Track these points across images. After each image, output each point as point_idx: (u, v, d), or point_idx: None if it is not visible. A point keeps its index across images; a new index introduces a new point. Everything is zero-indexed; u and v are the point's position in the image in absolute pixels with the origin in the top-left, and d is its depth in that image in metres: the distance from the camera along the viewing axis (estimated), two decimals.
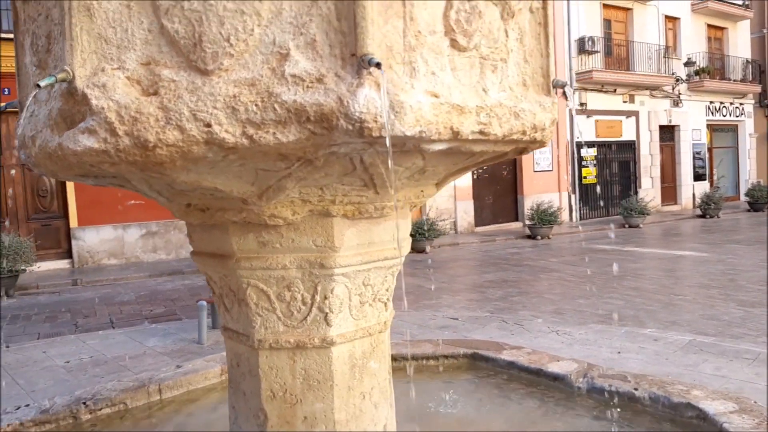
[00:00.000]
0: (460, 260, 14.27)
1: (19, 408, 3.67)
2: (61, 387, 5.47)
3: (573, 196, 20.94)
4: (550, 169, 20.36)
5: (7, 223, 13.61)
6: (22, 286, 11.92)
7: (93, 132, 1.53)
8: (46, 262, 13.67)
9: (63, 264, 14.07)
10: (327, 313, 2.15)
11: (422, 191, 2.27)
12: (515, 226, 19.60)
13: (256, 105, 1.50)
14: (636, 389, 3.47)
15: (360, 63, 1.46)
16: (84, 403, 3.69)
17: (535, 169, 20.00)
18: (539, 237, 16.89)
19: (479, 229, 18.92)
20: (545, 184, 20.15)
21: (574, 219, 20.85)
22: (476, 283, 11.60)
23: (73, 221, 14.02)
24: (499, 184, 19.71)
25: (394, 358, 4.37)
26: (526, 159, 19.70)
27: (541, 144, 2.05)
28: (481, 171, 19.22)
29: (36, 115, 1.78)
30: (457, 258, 14.62)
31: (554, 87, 1.98)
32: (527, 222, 17.56)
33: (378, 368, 2.34)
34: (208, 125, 1.51)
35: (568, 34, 20.21)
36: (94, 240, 14.08)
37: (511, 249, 15.69)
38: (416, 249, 15.09)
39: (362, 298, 2.24)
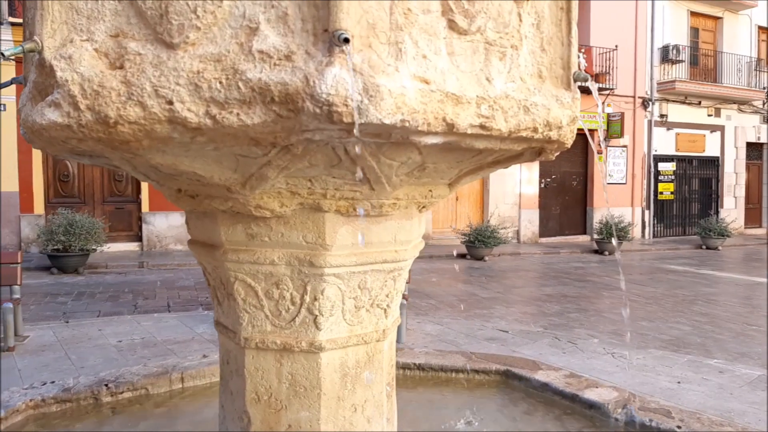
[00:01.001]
0: (520, 271, 13.82)
1: (45, 384, 3.73)
2: (109, 365, 5.59)
3: (647, 212, 19.90)
4: (624, 181, 19.42)
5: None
6: (91, 264, 12.46)
7: (58, 105, 1.45)
8: (117, 244, 14.27)
9: (132, 246, 14.65)
10: (317, 316, 2.00)
11: (430, 191, 2.08)
12: (582, 239, 18.82)
13: (220, 82, 1.38)
14: (679, 427, 3.12)
15: (331, 39, 1.30)
16: (106, 385, 3.71)
17: (608, 181, 19.14)
18: (607, 252, 16.12)
19: (543, 240, 18.30)
20: (617, 197, 19.24)
21: (646, 236, 19.80)
22: (533, 295, 11.17)
23: (145, 206, 14.58)
24: (567, 195, 19.00)
25: (420, 368, 4.19)
26: (597, 170, 18.88)
27: (560, 145, 1.82)
28: (549, 180, 18.60)
29: (26, 89, 1.73)
30: (516, 268, 14.16)
31: (575, 80, 1.74)
32: (595, 236, 16.81)
33: (374, 380, 2.16)
34: (170, 102, 1.39)
35: (651, 41, 19.22)
36: (163, 225, 14.60)
37: (576, 263, 15.05)
38: (474, 256, 14.74)
39: (357, 302, 2.07)
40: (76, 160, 1.91)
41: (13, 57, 1.45)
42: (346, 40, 1.26)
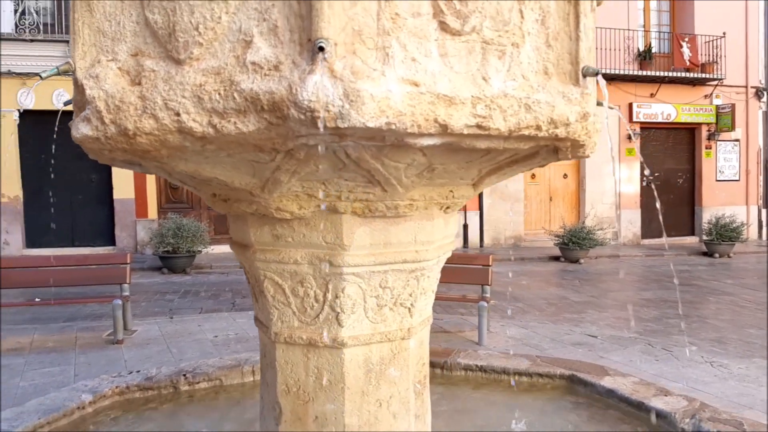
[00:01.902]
0: (617, 274, 13.17)
1: (131, 373, 4.10)
2: (205, 358, 6.01)
3: (764, 211, 18.25)
4: (737, 178, 17.95)
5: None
6: (197, 265, 13.31)
7: (88, 120, 1.63)
8: (221, 246, 15.14)
9: None
10: (338, 313, 2.08)
11: (451, 191, 2.09)
12: (690, 240, 17.61)
13: (219, 94, 1.49)
14: None
15: (313, 48, 1.37)
16: (184, 375, 4.01)
17: (718, 178, 17.77)
18: (717, 255, 14.99)
19: (646, 241, 17.30)
20: (729, 196, 17.81)
21: (763, 237, 18.17)
22: (630, 300, 10.63)
23: None
24: (672, 193, 17.84)
25: (483, 370, 4.16)
26: (707, 166, 17.60)
27: (575, 143, 1.78)
28: (651, 177, 17.58)
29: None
30: (614, 271, 13.51)
31: (584, 75, 1.69)
32: (704, 237, 15.67)
33: (399, 376, 2.20)
34: (178, 114, 1.52)
35: (764, 26, 17.63)
36: None
37: (681, 266, 14.12)
38: (569, 258, 14.24)
39: (380, 300, 2.13)
40: (125, 168, 2.11)
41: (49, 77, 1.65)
42: (321, 49, 1.33)
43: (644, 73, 16.58)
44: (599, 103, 2.40)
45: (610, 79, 16.43)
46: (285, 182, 1.80)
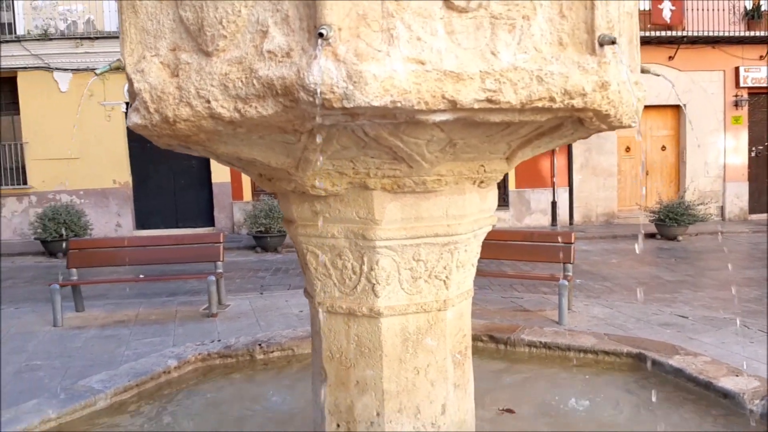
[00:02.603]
0: (719, 252, 12.37)
1: (212, 341, 4.45)
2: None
3: None
4: None
5: None
6: (288, 244, 13.87)
7: (137, 110, 1.83)
8: None
9: None
10: (374, 284, 2.19)
11: (482, 166, 2.13)
12: None
13: (241, 81, 1.63)
14: None
15: (318, 35, 1.47)
16: (260, 345, 4.30)
17: None
18: None
19: (755, 216, 16.07)
20: None
21: None
22: (729, 279, 10.00)
23: None
24: None
25: (547, 346, 4.14)
26: None
27: (597, 113, 1.76)
28: (761, 148, 16.23)
29: None
30: (715, 249, 12.70)
31: (601, 44, 1.67)
32: None
33: (436, 346, 2.29)
34: (208, 101, 1.68)
35: None
36: None
37: None
38: (665, 235, 13.52)
39: (414, 273, 2.21)
40: (182, 152, 2.30)
41: (103, 74, 1.85)
42: (321, 35, 1.42)
43: (752, 33, 15.25)
44: (644, 70, 2.34)
45: (714, 41, 15.28)
46: (314, 161, 1.92)
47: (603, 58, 1.68)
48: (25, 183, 14.63)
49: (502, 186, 15.77)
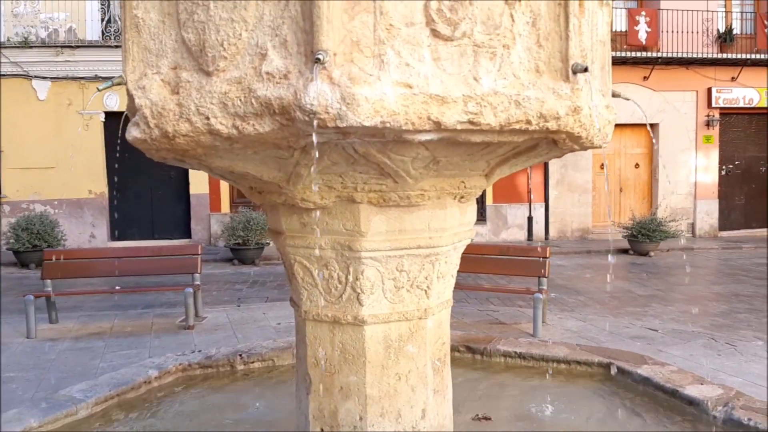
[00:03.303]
0: (689, 267, 12.72)
1: (193, 352, 4.49)
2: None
3: None
4: None
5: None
6: (266, 256, 13.87)
7: (137, 125, 1.93)
8: None
9: None
10: (359, 293, 2.30)
11: (463, 182, 2.26)
12: None
13: (240, 100, 1.74)
14: None
15: (315, 59, 1.59)
16: (240, 355, 4.36)
17: None
18: None
19: (725, 233, 16.54)
20: None
21: None
22: (698, 294, 10.30)
23: None
24: (754, 182, 16.95)
25: (521, 356, 4.27)
26: None
27: (571, 136, 1.90)
28: (731, 166, 16.75)
29: None
30: (684, 265, 13.05)
31: (574, 72, 1.82)
32: None
33: (417, 353, 2.40)
34: (207, 118, 1.78)
35: None
36: None
37: (759, 259, 13.45)
38: (638, 251, 13.86)
39: (397, 283, 2.33)
40: (176, 165, 2.40)
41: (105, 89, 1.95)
42: (317, 60, 1.54)
43: (725, 55, 15.80)
44: (615, 95, 2.50)
45: (687, 63, 15.79)
46: (305, 176, 2.04)
47: (576, 85, 1.83)
48: None
49: (480, 201, 16.02)
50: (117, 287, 8.50)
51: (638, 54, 15.27)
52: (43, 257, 7.56)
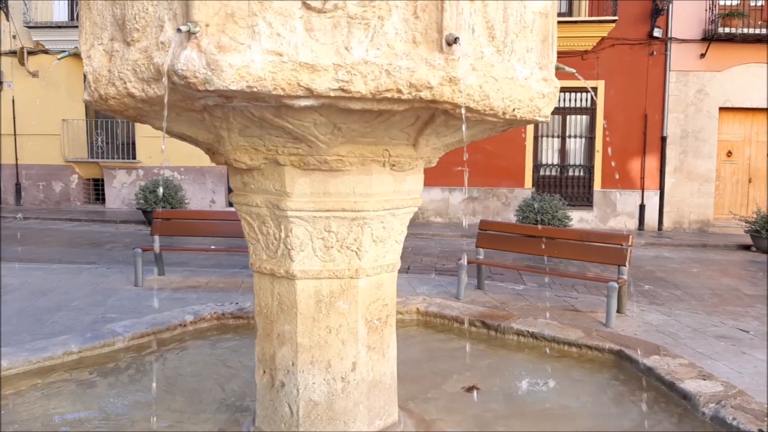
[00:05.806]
0: None
1: (231, 303, 4.94)
2: None
3: None
4: None
5: None
6: None
7: (87, 88, 2.25)
8: None
9: None
10: (290, 250, 2.48)
11: (386, 150, 2.35)
12: None
13: (144, 66, 1.98)
14: (762, 430, 2.67)
15: (186, 30, 1.79)
16: None
17: None
18: None
19: None
20: None
21: None
22: None
23: None
24: None
25: (534, 336, 4.22)
26: None
27: (456, 106, 1.93)
28: None
29: None
30: None
31: (448, 43, 1.84)
32: None
33: (348, 310, 2.54)
34: (125, 82, 2.05)
35: None
36: (425, 199, 15.97)
37: None
38: (761, 248, 12.54)
39: (326, 242, 2.48)
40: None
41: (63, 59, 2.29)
42: (179, 30, 1.74)
43: None
44: (558, 68, 2.45)
45: None
46: (227, 138, 2.25)
47: (451, 56, 1.86)
48: (134, 158, 16.24)
49: (586, 185, 15.30)
50: (212, 246, 9.35)
51: None
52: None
